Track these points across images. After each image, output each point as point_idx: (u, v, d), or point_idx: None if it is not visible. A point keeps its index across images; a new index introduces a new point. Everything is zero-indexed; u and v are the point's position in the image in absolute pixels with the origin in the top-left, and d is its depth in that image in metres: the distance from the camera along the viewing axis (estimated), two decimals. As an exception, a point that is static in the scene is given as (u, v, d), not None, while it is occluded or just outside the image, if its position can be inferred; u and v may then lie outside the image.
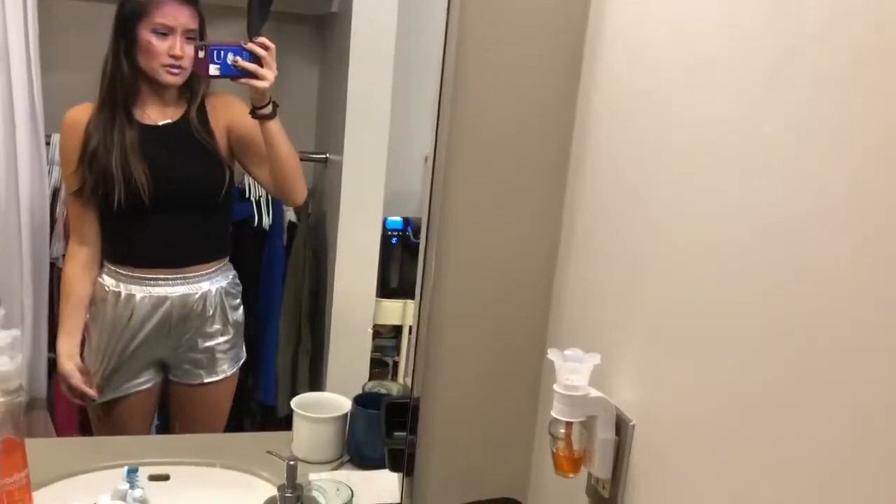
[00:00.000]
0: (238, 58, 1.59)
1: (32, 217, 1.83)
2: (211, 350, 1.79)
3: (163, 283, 1.73)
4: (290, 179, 1.74)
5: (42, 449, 1.32)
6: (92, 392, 1.73)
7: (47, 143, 1.89)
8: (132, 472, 1.16)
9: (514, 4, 1.04)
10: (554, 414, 0.90)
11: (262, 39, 1.60)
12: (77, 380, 1.73)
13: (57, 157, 1.99)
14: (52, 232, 1.92)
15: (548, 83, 1.07)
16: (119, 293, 1.72)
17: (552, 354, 0.89)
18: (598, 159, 1.03)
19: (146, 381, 1.78)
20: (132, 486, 1.15)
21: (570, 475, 0.92)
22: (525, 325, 1.12)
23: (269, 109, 1.64)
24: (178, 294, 1.74)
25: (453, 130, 1.07)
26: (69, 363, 1.73)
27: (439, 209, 1.08)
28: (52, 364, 1.94)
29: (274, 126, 1.66)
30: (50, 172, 1.93)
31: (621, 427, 0.91)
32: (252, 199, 2.12)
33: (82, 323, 1.75)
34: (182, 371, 1.80)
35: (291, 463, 1.14)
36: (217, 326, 1.78)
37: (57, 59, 1.91)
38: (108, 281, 1.74)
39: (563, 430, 0.90)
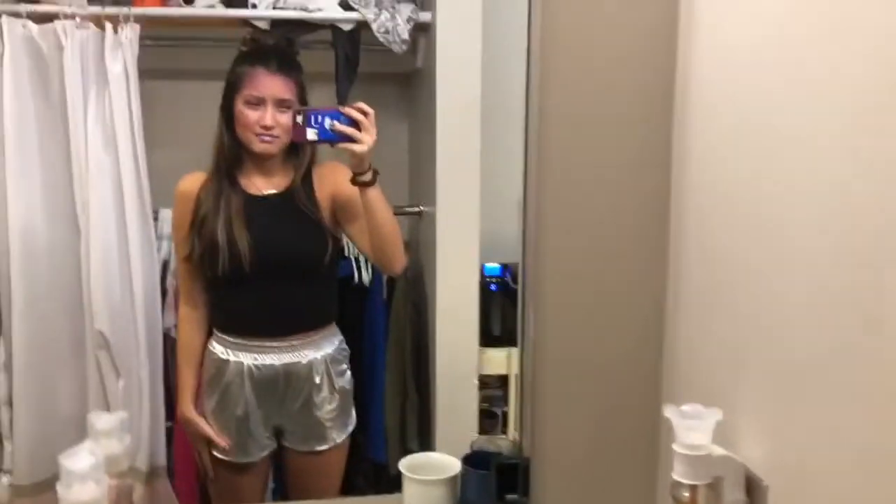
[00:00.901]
0: (336, 122, 1.58)
1: (145, 290, 1.90)
2: (320, 418, 1.79)
3: (269, 351, 1.75)
4: (389, 247, 1.72)
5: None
6: (221, 441, 1.76)
7: (155, 219, 1.98)
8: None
9: (597, 49, 1.01)
10: (676, 476, 0.84)
11: (361, 104, 1.59)
12: (203, 424, 1.77)
13: (165, 231, 2.07)
14: (163, 304, 1.99)
15: (641, 125, 1.03)
16: (228, 361, 1.76)
17: (669, 412, 0.84)
18: (702, 201, 0.98)
19: (262, 447, 1.80)
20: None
21: (699, 541, 0.86)
22: (637, 379, 1.07)
23: (368, 176, 1.62)
24: (284, 363, 1.75)
25: (542, 175, 1.05)
26: (193, 414, 1.78)
27: (534, 257, 1.06)
28: (171, 433, 2.00)
29: (373, 193, 1.64)
30: (159, 248, 2.01)
31: (752, 488, 0.84)
32: (351, 256, 2.14)
33: (197, 380, 1.80)
34: (295, 438, 1.81)
35: (404, 530, 1.11)
36: (324, 395, 1.79)
37: (160, 137, 2.00)
38: (217, 349, 1.78)
39: (686, 494, 0.84)
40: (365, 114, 1.58)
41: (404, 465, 1.44)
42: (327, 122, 1.57)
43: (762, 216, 0.84)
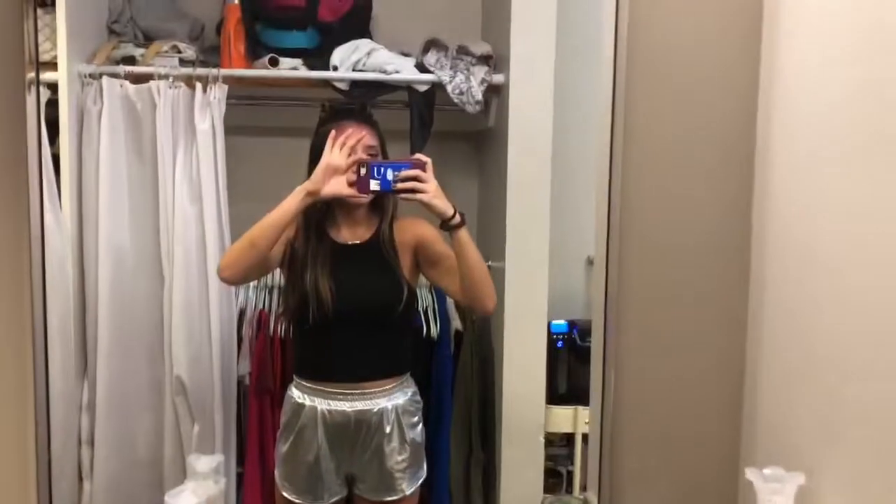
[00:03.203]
0: (396, 173, 1.67)
1: (222, 338, 1.97)
2: (390, 468, 1.81)
3: (342, 398, 1.79)
4: (481, 287, 1.78)
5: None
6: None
7: (234, 269, 2.05)
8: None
9: (680, 116, 1.04)
10: (758, 539, 0.84)
11: (418, 155, 1.71)
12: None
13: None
14: (238, 351, 2.05)
15: (722, 186, 1.05)
16: (303, 405, 1.80)
17: (751, 474, 0.84)
18: (785, 262, 0.99)
19: (333, 493, 1.83)
20: None
21: None
22: (716, 439, 1.07)
23: (457, 219, 1.71)
24: (356, 409, 1.79)
25: (624, 230, 1.06)
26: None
27: (615, 316, 1.07)
28: (241, 479, 2.03)
29: (464, 236, 1.73)
30: (236, 296, 2.08)
31: (835, 553, 0.84)
32: (420, 309, 2.17)
33: None
34: (365, 486, 1.84)
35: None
36: (395, 445, 1.81)
37: (242, 191, 2.09)
38: (294, 393, 1.83)
39: (769, 558, 0.84)
40: (423, 163, 1.66)
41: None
42: (389, 174, 1.67)
43: (848, 283, 0.84)
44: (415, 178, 1.67)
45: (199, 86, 1.95)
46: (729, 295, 1.06)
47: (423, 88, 2.10)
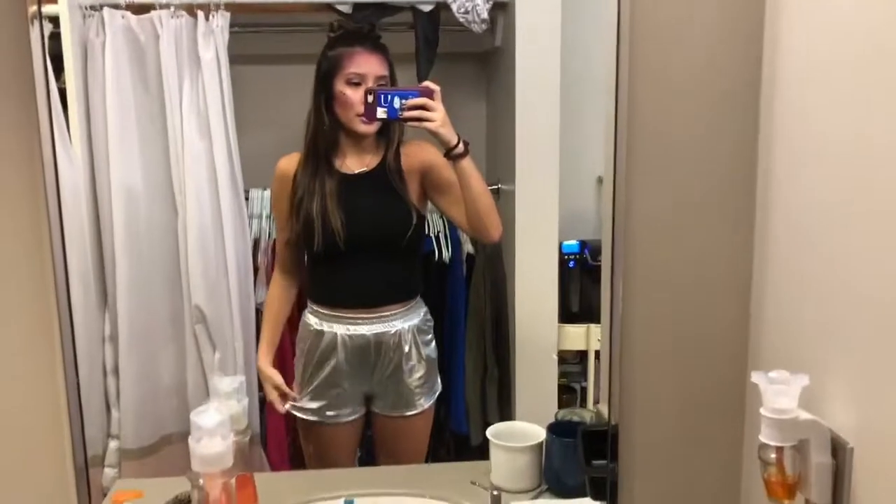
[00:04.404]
0: (404, 101, 1.66)
1: (238, 267, 2.00)
2: (409, 385, 1.86)
3: (360, 322, 1.83)
4: (485, 216, 1.78)
5: (266, 483, 1.42)
6: (291, 391, 1.87)
7: (246, 199, 2.07)
8: (349, 503, 1.24)
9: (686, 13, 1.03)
10: (763, 439, 0.87)
11: (427, 83, 1.69)
12: (279, 379, 1.88)
13: (256, 210, 2.17)
14: (255, 280, 2.09)
15: (729, 97, 1.05)
16: (322, 332, 1.84)
17: (756, 377, 0.86)
18: (792, 167, 0.99)
19: (352, 413, 1.88)
20: (350, 516, 1.23)
21: (785, 502, 0.89)
22: (724, 346, 1.09)
23: (460, 149, 1.70)
24: (374, 332, 1.83)
25: (632, 149, 1.06)
26: (268, 368, 1.90)
27: (623, 231, 1.08)
28: (263, 403, 2.10)
29: (467, 165, 1.72)
30: (250, 226, 2.10)
31: (838, 450, 0.87)
32: (431, 234, 2.19)
33: (279, 336, 1.93)
34: (384, 404, 1.89)
35: (495, 493, 1.17)
36: (413, 363, 1.86)
37: (250, 121, 2.09)
38: (311, 320, 1.86)
39: (773, 456, 0.87)
40: (431, 91, 1.65)
41: (492, 432, 1.50)
42: (396, 102, 1.66)
43: (855, 180, 0.85)
44: (422, 107, 1.67)
45: (200, 14, 1.93)
46: (737, 202, 1.07)
47: (427, 9, 2.07)
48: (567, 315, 2.14)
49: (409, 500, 1.41)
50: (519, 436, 1.50)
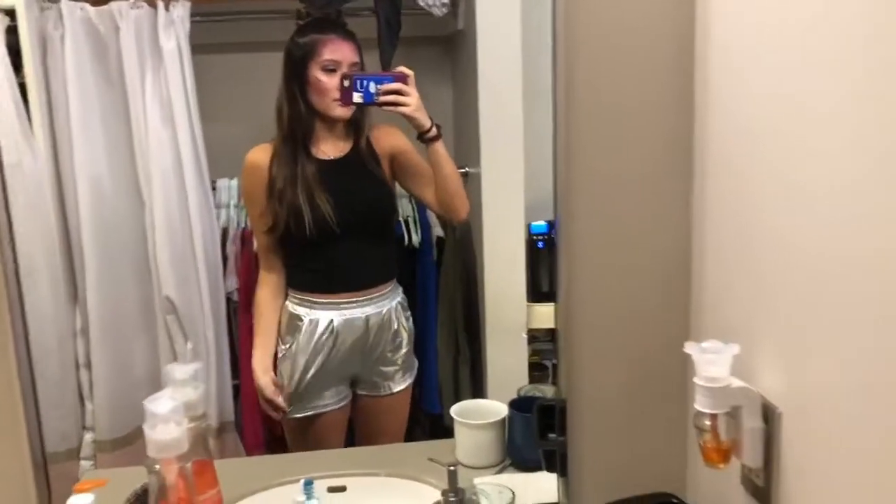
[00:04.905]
0: (379, 86, 1.68)
1: (206, 257, 2.01)
2: (395, 361, 1.91)
3: (355, 305, 1.85)
4: (456, 197, 1.84)
5: (233, 468, 1.45)
6: (283, 405, 1.86)
7: (213, 188, 2.07)
8: (308, 484, 1.26)
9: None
10: (697, 406, 0.89)
11: (401, 68, 1.72)
12: (271, 392, 1.86)
13: (223, 200, 2.18)
14: (224, 269, 2.09)
15: (662, 70, 1.06)
16: (316, 321, 1.84)
17: (689, 348, 0.89)
18: (724, 144, 1.01)
19: (341, 399, 1.90)
20: (309, 498, 1.25)
21: (721, 466, 0.91)
22: (667, 318, 1.11)
23: (433, 132, 1.75)
24: (367, 314, 1.85)
25: (571, 124, 1.08)
26: (265, 377, 1.87)
27: (565, 207, 1.10)
28: (237, 390, 2.11)
29: (439, 148, 1.77)
30: (218, 217, 2.11)
31: (769, 415, 0.89)
32: (401, 218, 2.21)
33: (275, 340, 1.89)
34: (370, 384, 1.92)
35: (452, 469, 1.19)
36: (400, 339, 1.91)
37: (214, 110, 2.09)
38: (301, 311, 1.86)
39: (708, 422, 0.89)
40: (405, 76, 1.68)
41: (455, 410, 1.52)
42: (372, 86, 1.69)
43: (782, 154, 0.86)
44: (397, 91, 1.69)
45: (161, 4, 1.92)
46: (674, 179, 1.09)
47: (388, -7, 2.07)
48: (537, 294, 2.16)
49: (373, 480, 1.44)
50: (484, 413, 1.53)
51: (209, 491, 1.14)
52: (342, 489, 1.42)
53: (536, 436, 1.25)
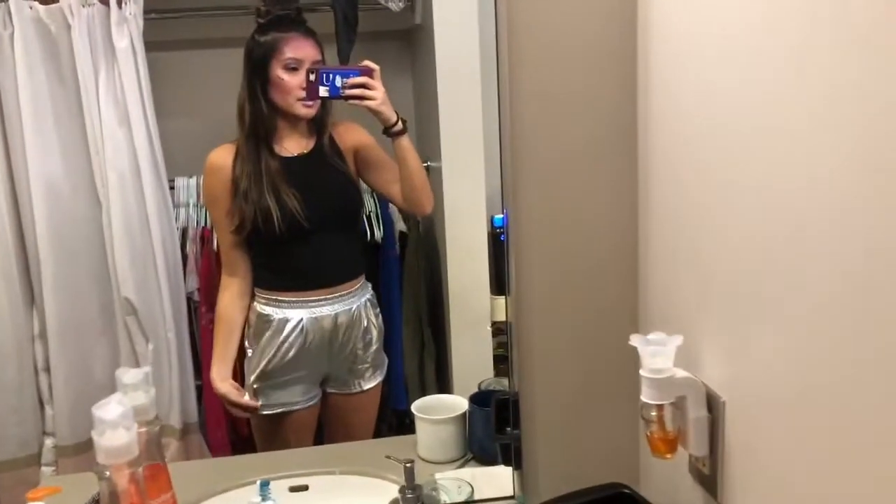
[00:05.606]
0: (345, 80, 1.68)
1: (166, 257, 1.98)
2: (365, 358, 1.91)
3: (324, 303, 1.84)
4: (422, 191, 1.85)
5: (194, 470, 1.44)
6: (253, 403, 1.85)
7: (171, 188, 2.05)
8: (264, 485, 1.25)
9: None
10: (643, 398, 0.90)
11: (367, 62, 1.72)
12: (236, 396, 1.85)
13: (182, 199, 2.15)
14: (184, 269, 2.07)
15: (604, 42, 1.06)
16: (285, 320, 1.83)
17: (634, 340, 0.89)
18: (666, 140, 1.02)
19: (312, 397, 1.90)
20: (265, 499, 1.24)
21: (668, 456, 0.92)
22: (615, 311, 1.12)
23: (399, 126, 1.75)
24: (337, 312, 1.85)
25: (514, 113, 1.08)
26: (224, 384, 1.85)
27: (511, 204, 1.10)
28: (201, 390, 2.10)
29: (405, 142, 1.77)
30: (177, 216, 2.08)
31: (713, 404, 0.90)
32: (363, 214, 2.20)
33: (235, 347, 1.87)
34: (341, 382, 1.91)
35: (408, 465, 1.19)
36: (370, 336, 1.91)
37: (170, 108, 2.06)
38: (268, 310, 1.84)
39: (654, 413, 0.90)
40: (370, 70, 1.68)
41: (416, 406, 1.52)
42: (338, 80, 1.69)
43: (722, 148, 0.87)
44: (363, 85, 1.68)
45: (113, 2, 1.89)
46: (619, 170, 1.09)
47: (344, -13, 2.06)
48: (501, 287, 2.15)
49: (335, 479, 1.43)
50: (446, 408, 1.53)
51: (162, 495, 1.13)
52: (304, 488, 1.42)
53: (493, 430, 1.26)
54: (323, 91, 1.71)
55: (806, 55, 0.70)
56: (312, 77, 1.70)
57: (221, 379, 1.85)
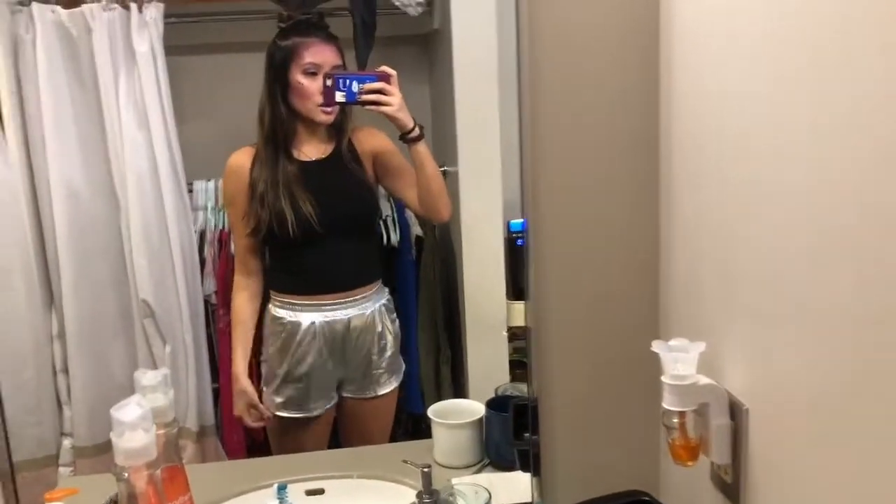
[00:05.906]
0: (362, 85, 1.68)
1: (184, 260, 1.99)
2: (380, 364, 1.90)
3: (337, 307, 1.85)
4: (439, 197, 1.84)
5: (211, 472, 1.44)
6: (265, 411, 1.86)
7: (189, 191, 2.06)
8: (282, 488, 1.25)
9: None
10: (665, 405, 0.89)
11: (384, 68, 1.71)
12: (253, 396, 1.86)
13: (200, 202, 2.16)
14: (202, 271, 2.08)
15: (629, 69, 1.06)
16: (298, 323, 1.84)
17: (656, 346, 0.89)
18: (691, 143, 1.01)
19: (327, 401, 1.90)
20: (281, 502, 1.24)
21: (689, 464, 0.91)
22: (636, 320, 1.11)
23: (416, 132, 1.75)
24: (350, 316, 1.85)
25: (535, 119, 1.07)
26: (245, 380, 1.87)
27: (532, 209, 1.10)
28: (217, 393, 2.10)
29: (422, 148, 1.78)
30: (195, 219, 2.09)
31: (735, 412, 0.89)
32: (380, 219, 2.20)
33: (250, 346, 1.90)
34: (357, 386, 1.91)
35: (425, 470, 1.19)
36: (384, 342, 1.90)
37: (189, 112, 2.08)
38: (282, 313, 1.86)
39: (676, 420, 0.89)
40: (388, 75, 1.68)
41: (433, 411, 1.52)
42: (354, 86, 1.69)
43: (749, 154, 0.86)
44: (380, 91, 1.69)
45: (133, 6, 1.91)
46: (642, 180, 1.08)
47: (362, -8, 2.06)
48: (517, 292, 2.15)
49: (351, 482, 1.43)
50: (463, 413, 1.53)
51: (180, 497, 1.13)
52: (320, 492, 1.42)
53: (511, 436, 1.25)
54: (339, 96, 1.71)
55: (832, 59, 0.69)
56: (329, 82, 1.70)
57: (244, 376, 1.87)
